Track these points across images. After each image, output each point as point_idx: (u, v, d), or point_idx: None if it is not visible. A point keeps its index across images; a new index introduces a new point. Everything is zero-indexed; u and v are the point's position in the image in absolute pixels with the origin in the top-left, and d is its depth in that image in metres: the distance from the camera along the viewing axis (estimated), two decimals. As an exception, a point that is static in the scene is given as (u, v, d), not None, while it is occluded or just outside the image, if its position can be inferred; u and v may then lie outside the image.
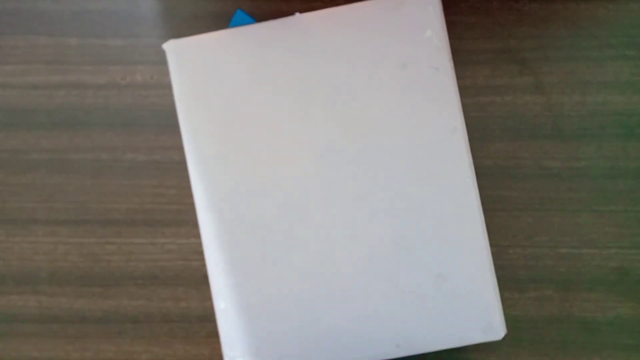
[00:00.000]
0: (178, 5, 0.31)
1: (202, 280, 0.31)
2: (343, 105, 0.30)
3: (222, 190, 0.30)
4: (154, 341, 0.30)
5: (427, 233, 0.29)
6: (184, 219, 0.31)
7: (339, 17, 0.30)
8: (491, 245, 0.30)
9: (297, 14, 0.30)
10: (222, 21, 0.31)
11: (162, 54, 0.31)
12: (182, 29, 0.31)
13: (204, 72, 0.30)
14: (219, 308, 0.29)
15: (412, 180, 0.30)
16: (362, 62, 0.30)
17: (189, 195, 0.31)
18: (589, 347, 0.29)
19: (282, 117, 0.30)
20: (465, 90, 0.30)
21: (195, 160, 0.30)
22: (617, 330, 0.29)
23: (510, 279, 0.30)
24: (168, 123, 0.30)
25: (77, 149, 0.31)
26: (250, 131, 0.30)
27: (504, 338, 0.29)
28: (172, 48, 0.30)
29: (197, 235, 0.31)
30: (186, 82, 0.30)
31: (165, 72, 0.31)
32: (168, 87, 0.31)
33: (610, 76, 0.30)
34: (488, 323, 0.29)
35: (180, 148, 0.31)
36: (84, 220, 0.31)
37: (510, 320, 0.30)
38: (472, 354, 0.30)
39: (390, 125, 0.30)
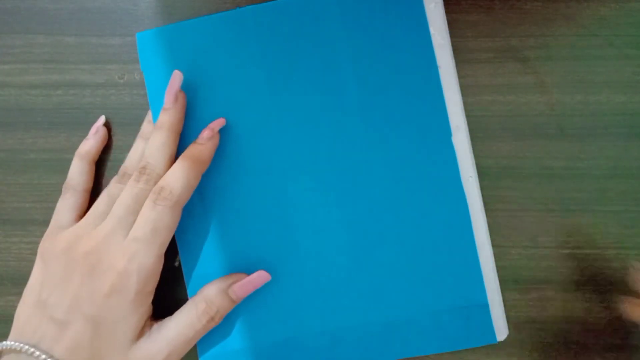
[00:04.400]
0: (177, 4, 0.31)
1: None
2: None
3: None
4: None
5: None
6: (183, 219, 0.31)
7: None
8: (493, 245, 0.30)
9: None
10: (221, 20, 0.31)
11: (160, 53, 0.31)
12: (181, 28, 0.31)
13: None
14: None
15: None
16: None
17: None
18: (590, 348, 0.29)
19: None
20: (467, 89, 0.30)
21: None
22: (619, 331, 0.29)
23: (512, 279, 0.30)
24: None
25: (75, 148, 0.31)
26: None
27: (505, 339, 0.29)
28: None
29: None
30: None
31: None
32: (167, 86, 0.31)
33: (612, 75, 0.30)
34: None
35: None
36: (82, 221, 0.31)
37: (512, 320, 0.29)
38: (473, 355, 0.29)
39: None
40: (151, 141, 0.27)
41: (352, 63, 0.29)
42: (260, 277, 0.28)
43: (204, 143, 0.28)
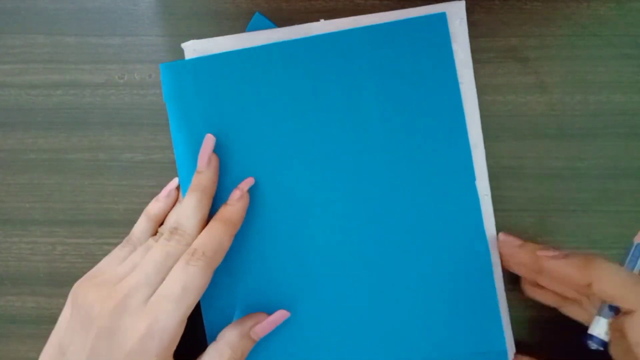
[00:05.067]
0: (177, 4, 0.31)
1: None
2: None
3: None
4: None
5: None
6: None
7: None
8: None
9: (322, 21, 0.30)
10: (221, 19, 0.31)
11: (160, 53, 0.31)
12: (181, 28, 0.31)
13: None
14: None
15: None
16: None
17: (188, 195, 0.31)
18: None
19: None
20: (466, 90, 0.30)
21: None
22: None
23: (513, 280, 0.29)
24: (166, 122, 0.30)
25: (74, 148, 0.31)
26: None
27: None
28: (191, 48, 0.29)
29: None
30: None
31: (164, 71, 0.31)
32: (167, 86, 0.31)
33: (612, 75, 0.30)
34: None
35: (179, 148, 0.31)
36: (82, 221, 0.31)
37: (513, 321, 0.29)
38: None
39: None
40: (184, 203, 0.27)
41: (377, 99, 0.29)
42: (280, 317, 0.28)
43: (234, 204, 0.28)
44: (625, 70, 0.30)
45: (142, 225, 0.29)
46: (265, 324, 0.27)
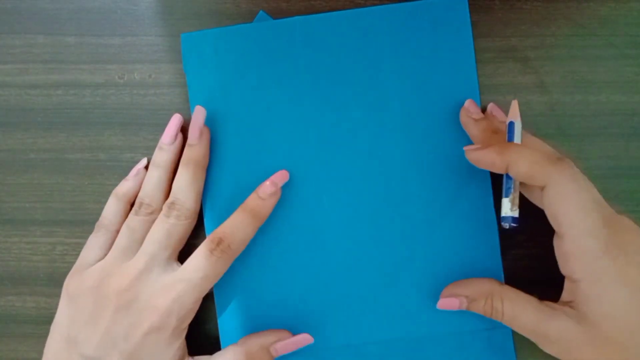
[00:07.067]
0: (177, 4, 0.31)
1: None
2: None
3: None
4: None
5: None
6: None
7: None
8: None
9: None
10: (221, 19, 0.31)
11: (160, 53, 0.31)
12: (181, 28, 0.31)
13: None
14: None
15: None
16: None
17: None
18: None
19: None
20: (466, 90, 0.30)
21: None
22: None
23: (512, 280, 0.29)
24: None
25: (74, 148, 0.31)
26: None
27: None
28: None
29: (196, 236, 0.30)
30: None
31: (164, 71, 0.31)
32: (166, 85, 0.31)
33: (612, 75, 0.30)
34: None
35: (179, 148, 0.31)
36: (82, 221, 0.31)
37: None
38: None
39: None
40: (178, 177, 0.28)
41: (394, 79, 0.29)
42: (304, 340, 0.28)
43: (267, 199, 0.27)
44: (625, 70, 0.30)
45: (112, 207, 0.29)
46: (288, 343, 0.27)
